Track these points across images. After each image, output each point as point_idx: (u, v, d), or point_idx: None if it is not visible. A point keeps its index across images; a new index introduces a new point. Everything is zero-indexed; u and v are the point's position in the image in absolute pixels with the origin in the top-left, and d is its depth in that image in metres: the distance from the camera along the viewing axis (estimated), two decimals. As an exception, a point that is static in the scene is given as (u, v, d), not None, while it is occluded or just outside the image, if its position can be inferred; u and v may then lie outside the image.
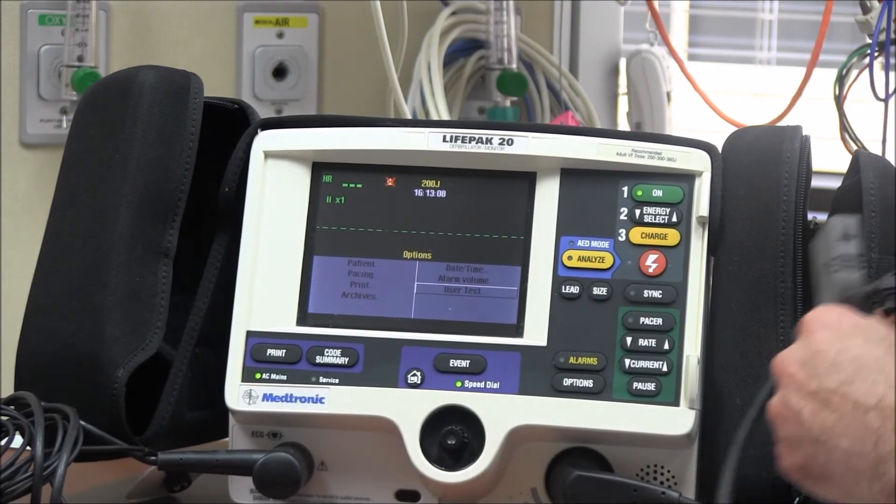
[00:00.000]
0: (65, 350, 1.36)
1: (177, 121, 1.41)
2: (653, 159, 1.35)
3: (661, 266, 1.33)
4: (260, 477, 1.31)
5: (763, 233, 1.34)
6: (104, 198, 1.39)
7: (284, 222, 1.37)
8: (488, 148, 1.36)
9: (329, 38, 1.81)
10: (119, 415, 1.33)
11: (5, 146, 1.69)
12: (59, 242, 1.41)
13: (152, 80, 1.42)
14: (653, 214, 1.34)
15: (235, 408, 1.33)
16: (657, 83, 1.87)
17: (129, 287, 1.37)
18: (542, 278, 1.34)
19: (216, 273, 1.40)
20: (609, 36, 1.93)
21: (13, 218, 1.65)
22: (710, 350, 1.33)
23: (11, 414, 1.27)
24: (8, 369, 1.41)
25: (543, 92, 1.78)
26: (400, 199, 1.37)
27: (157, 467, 1.34)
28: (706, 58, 2.20)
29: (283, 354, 1.34)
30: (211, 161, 1.42)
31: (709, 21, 2.33)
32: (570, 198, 1.35)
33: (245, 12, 1.78)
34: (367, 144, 1.38)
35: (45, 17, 1.69)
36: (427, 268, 1.36)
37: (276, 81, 1.79)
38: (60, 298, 1.38)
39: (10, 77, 1.69)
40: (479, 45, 1.77)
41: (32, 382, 1.34)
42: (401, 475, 1.30)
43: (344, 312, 1.36)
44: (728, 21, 2.30)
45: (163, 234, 1.40)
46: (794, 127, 1.40)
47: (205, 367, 1.38)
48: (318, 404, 1.32)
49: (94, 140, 1.42)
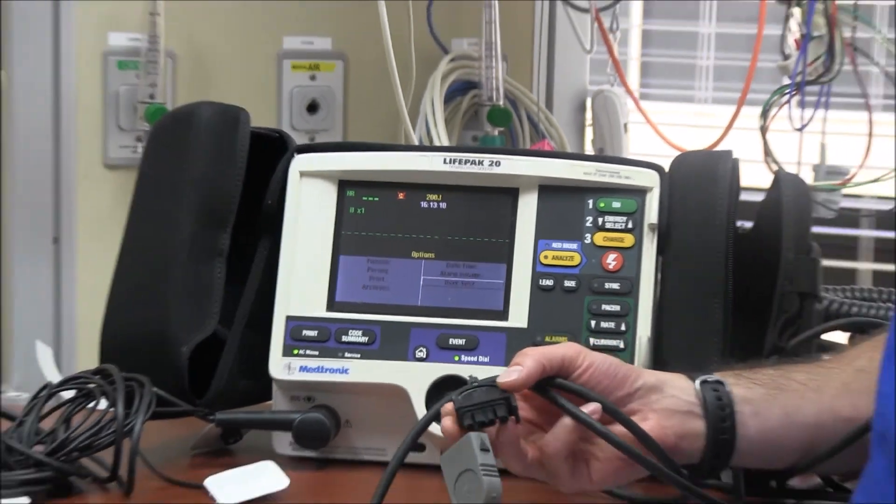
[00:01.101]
0: (140, 332, 1.39)
1: (229, 146, 1.42)
2: (612, 177, 1.37)
3: (619, 263, 1.35)
4: (298, 432, 1.35)
5: (702, 237, 1.35)
6: (170, 209, 1.41)
7: (316, 228, 1.39)
8: (480, 168, 1.38)
9: (352, 81, 1.82)
10: (183, 383, 1.36)
11: (92, 167, 1.72)
12: (134, 245, 1.43)
13: (209, 113, 1.44)
14: (612, 222, 1.36)
15: (277, 377, 1.36)
16: (616, 116, 1.89)
17: (190, 281, 1.40)
18: (523, 273, 1.36)
19: (261, 269, 1.41)
20: (577, 78, 1.95)
21: (98, 224, 1.68)
22: (659, 331, 1.35)
23: (98, 382, 1.30)
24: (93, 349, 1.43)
25: (524, 123, 1.80)
26: (409, 210, 1.39)
27: (215, 425, 1.38)
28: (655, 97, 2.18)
29: (315, 334, 1.36)
30: (256, 179, 1.43)
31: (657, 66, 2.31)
32: (546, 209, 1.37)
33: (284, 59, 1.81)
34: (382, 165, 1.41)
35: (123, 62, 1.73)
36: (431, 265, 1.38)
37: (310, 115, 1.81)
38: (136, 290, 1.41)
39: (95, 111, 1.71)
40: (473, 85, 1.79)
41: (114, 358, 1.36)
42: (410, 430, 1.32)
43: (364, 301, 1.38)
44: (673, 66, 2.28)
45: (217, 237, 1.41)
46: (726, 152, 1.41)
47: (252, 345, 1.39)
48: (343, 374, 1.35)
49: (162, 162, 1.44)
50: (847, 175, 1.79)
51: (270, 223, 1.42)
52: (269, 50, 1.81)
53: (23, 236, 1.74)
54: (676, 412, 1.18)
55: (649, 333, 1.34)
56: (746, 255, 1.37)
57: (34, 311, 1.74)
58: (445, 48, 1.75)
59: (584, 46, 1.93)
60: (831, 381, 1.22)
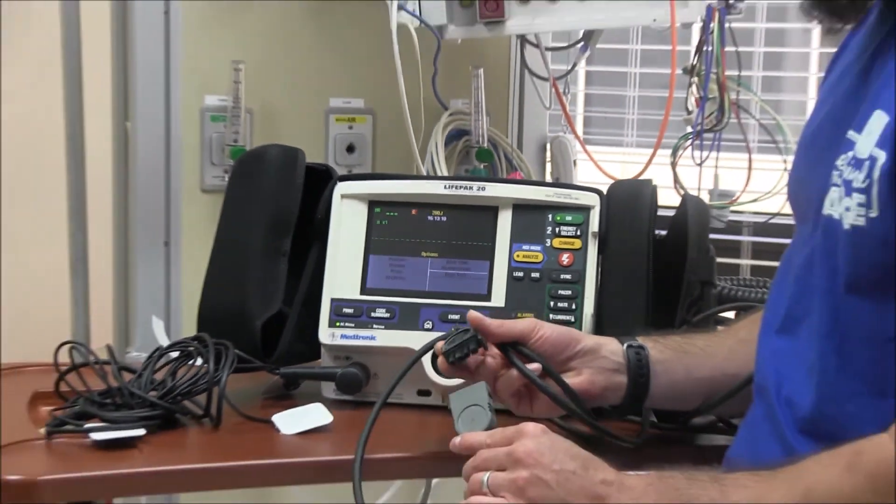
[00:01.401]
0: (226, 310, 1.38)
1: (290, 176, 1.42)
2: (566, 199, 1.36)
3: (571, 260, 1.34)
4: (339, 382, 1.35)
5: (630, 241, 1.35)
6: (248, 221, 1.41)
7: (352, 235, 1.39)
8: (470, 192, 1.37)
9: (379, 129, 1.81)
10: (257, 347, 1.36)
11: (193, 191, 1.72)
12: (222, 247, 1.43)
13: (276, 152, 1.43)
14: (566, 230, 1.35)
15: (325, 342, 1.36)
16: (568, 155, 1.88)
17: (262, 273, 1.39)
18: (501, 268, 1.36)
19: (313, 265, 1.41)
20: (540, 128, 1.93)
21: (196, 232, 1.68)
22: (599, 309, 1.34)
23: (195, 346, 1.31)
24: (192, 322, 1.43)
25: (502, 160, 1.78)
26: (419, 222, 1.39)
27: (279, 377, 1.38)
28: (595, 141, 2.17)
29: (352, 311, 1.36)
30: (309, 200, 1.42)
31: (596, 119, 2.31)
32: (518, 221, 1.36)
33: (330, 114, 1.80)
34: (400, 190, 1.40)
35: (214, 116, 1.72)
36: (435, 262, 1.38)
37: (348, 154, 1.78)
38: (223, 280, 1.40)
39: (195, 151, 1.71)
40: (465, 132, 1.77)
41: (207, 328, 1.36)
42: (420, 381, 1.31)
43: (387, 287, 1.37)
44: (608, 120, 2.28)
45: (282, 242, 1.41)
46: (647, 180, 1.41)
47: (306, 319, 1.38)
48: (372, 340, 1.35)
49: (242, 188, 1.43)
50: (733, 196, 1.79)
51: (320, 231, 1.41)
52: (319, 107, 1.80)
53: (143, 241, 1.73)
54: (605, 370, 1.18)
55: (592, 311, 1.33)
56: (662, 255, 1.37)
57: (150, 294, 1.73)
58: (445, 106, 1.74)
59: (545, 105, 1.92)
60: (722, 347, 1.23)
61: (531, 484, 0.98)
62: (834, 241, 0.98)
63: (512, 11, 1.60)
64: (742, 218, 2.06)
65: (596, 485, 0.98)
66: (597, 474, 0.99)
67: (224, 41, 1.72)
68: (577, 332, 1.21)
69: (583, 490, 0.98)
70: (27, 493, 1.11)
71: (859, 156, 0.96)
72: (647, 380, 1.18)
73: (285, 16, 1.75)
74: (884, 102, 0.96)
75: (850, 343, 0.98)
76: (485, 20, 1.59)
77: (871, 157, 0.94)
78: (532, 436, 1.02)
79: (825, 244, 1.00)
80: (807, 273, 1.04)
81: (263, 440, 1.25)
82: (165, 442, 1.22)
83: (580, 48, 1.81)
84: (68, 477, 1.13)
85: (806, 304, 1.04)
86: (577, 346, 1.18)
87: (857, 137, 0.98)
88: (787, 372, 1.05)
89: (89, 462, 1.16)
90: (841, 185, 0.98)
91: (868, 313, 0.96)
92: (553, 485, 0.97)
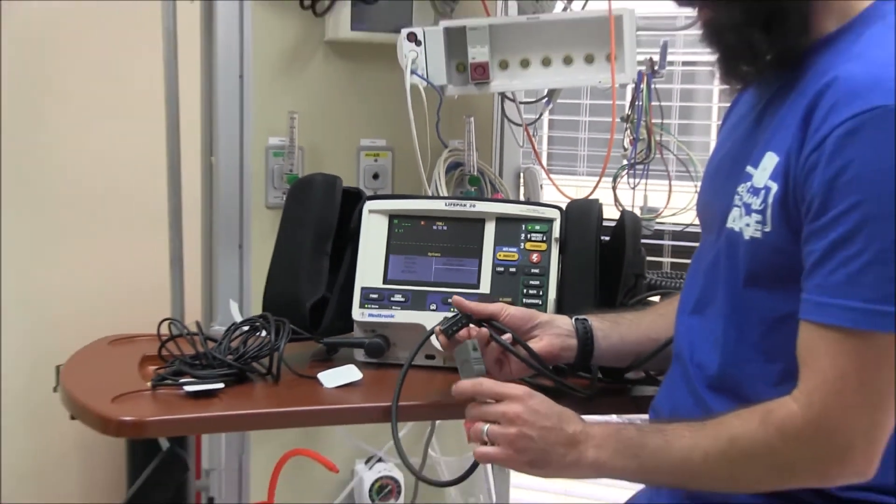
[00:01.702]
0: (283, 295, 1.36)
1: (331, 197, 1.39)
2: (535, 213, 1.34)
3: (539, 259, 1.32)
4: (367, 349, 1.33)
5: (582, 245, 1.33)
6: (300, 230, 1.38)
7: (377, 240, 1.36)
8: (464, 208, 1.35)
9: (397, 162, 1.77)
10: (306, 322, 1.34)
11: (259, 207, 1.69)
12: (280, 248, 1.40)
13: (320, 179, 1.41)
14: (535, 237, 1.33)
15: (357, 319, 1.34)
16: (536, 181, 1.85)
17: (310, 268, 1.37)
18: (487, 264, 1.33)
19: (348, 261, 1.38)
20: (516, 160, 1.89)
21: (262, 238, 1.64)
22: (560, 295, 1.31)
23: (261, 322, 1.29)
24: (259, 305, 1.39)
25: (488, 184, 1.75)
26: (427, 230, 1.36)
27: (323, 345, 1.35)
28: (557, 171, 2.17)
29: (376, 296, 1.33)
30: (345, 214, 1.40)
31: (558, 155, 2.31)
32: (500, 229, 1.34)
33: (360, 150, 1.76)
34: (412, 206, 1.38)
35: (276, 152, 1.69)
36: (438, 260, 1.35)
37: (374, 181, 1.74)
38: (281, 272, 1.38)
39: (261, 178, 1.67)
40: (460, 164, 1.74)
41: (270, 309, 1.34)
42: (427, 349, 1.28)
43: (403, 279, 1.34)
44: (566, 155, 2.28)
45: (325, 245, 1.38)
46: (595, 200, 1.39)
47: (343, 302, 1.36)
48: (391, 318, 1.32)
49: (295, 205, 1.41)
50: (658, 211, 1.76)
51: (353, 237, 1.39)
52: (352, 146, 1.77)
53: (223, 244, 1.69)
54: (560, 335, 1.16)
55: (554, 296, 1.32)
56: (606, 255, 1.35)
57: (229, 283, 1.70)
58: (445, 144, 1.70)
59: (519, 144, 1.90)
60: (646, 319, 1.21)
61: (519, 438, 0.99)
62: (735, 247, 0.98)
63: (495, 75, 1.59)
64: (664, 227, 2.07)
65: (568, 435, 0.98)
66: (569, 426, 0.99)
67: (283, 97, 1.70)
68: (534, 311, 1.19)
69: (558, 440, 0.98)
70: (138, 430, 1.12)
71: (756, 185, 0.95)
72: (592, 343, 1.16)
73: (327, 78, 1.73)
74: (773, 146, 0.95)
75: (745, 322, 0.97)
76: (475, 81, 1.58)
77: (766, 187, 0.94)
78: (520, 399, 1.01)
79: (728, 249, 1.00)
80: (713, 269, 1.03)
81: (311, 392, 1.23)
82: (238, 393, 1.21)
83: (545, 102, 1.80)
84: (168, 418, 1.13)
85: (712, 292, 1.03)
86: (536, 321, 1.17)
87: (753, 171, 0.97)
88: (697, 342, 1.05)
89: (183, 407, 1.15)
90: (741, 206, 0.97)
91: (760, 299, 0.96)
92: (536, 439, 0.98)
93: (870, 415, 0.86)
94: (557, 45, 1.58)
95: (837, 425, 0.86)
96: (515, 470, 1.02)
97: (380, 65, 1.70)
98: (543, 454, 0.98)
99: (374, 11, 1.64)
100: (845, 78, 0.86)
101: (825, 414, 0.86)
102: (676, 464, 0.93)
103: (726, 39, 0.96)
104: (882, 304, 0.83)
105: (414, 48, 1.55)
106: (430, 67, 1.56)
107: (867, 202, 0.83)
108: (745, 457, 0.90)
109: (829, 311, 0.86)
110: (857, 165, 0.83)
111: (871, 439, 0.86)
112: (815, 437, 0.87)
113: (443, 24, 1.57)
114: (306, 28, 1.68)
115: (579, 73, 1.59)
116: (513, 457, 0.99)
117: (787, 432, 0.88)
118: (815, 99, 0.88)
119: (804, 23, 0.94)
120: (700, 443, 0.93)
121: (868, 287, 0.84)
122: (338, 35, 1.67)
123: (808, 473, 0.89)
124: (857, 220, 0.84)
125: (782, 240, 0.91)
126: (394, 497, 1.78)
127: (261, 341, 1.26)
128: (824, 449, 0.87)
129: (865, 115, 0.83)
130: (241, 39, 1.64)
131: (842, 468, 0.87)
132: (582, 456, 0.97)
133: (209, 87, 1.67)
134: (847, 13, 0.94)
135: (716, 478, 0.93)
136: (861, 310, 0.84)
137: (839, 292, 0.85)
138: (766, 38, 0.94)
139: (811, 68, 0.93)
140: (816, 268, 0.87)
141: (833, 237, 0.85)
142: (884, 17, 0.92)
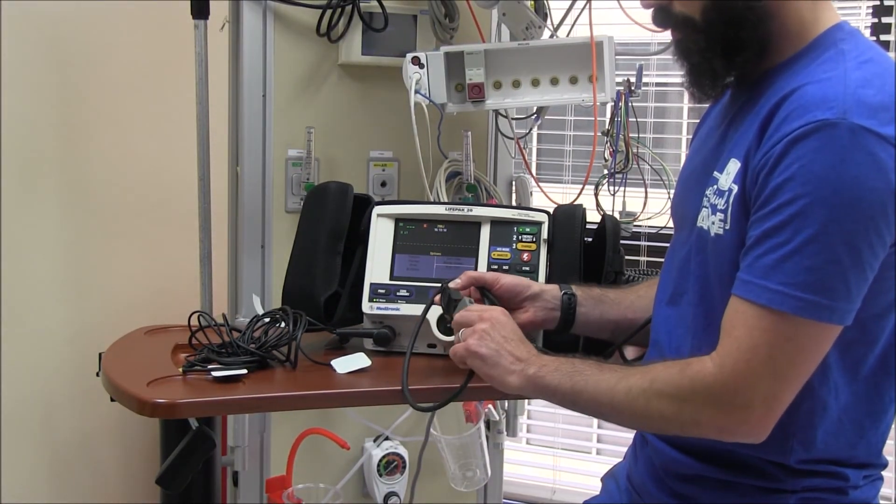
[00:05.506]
0: (301, 290, 1.35)
1: (343, 202, 1.39)
2: (526, 216, 1.33)
3: (529, 258, 1.32)
4: (376, 338, 1.32)
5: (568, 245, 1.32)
6: (316, 231, 1.37)
7: (385, 241, 1.35)
8: (462, 212, 1.35)
9: (403, 171, 1.75)
10: (321, 314, 1.33)
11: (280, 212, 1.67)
12: (298, 248, 1.39)
13: (334, 186, 1.40)
14: (526, 238, 1.33)
15: (366, 312, 1.32)
16: (526, 189, 1.83)
17: (325, 266, 1.36)
18: (483, 263, 1.33)
19: (359, 260, 1.37)
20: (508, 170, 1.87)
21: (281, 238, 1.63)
22: None
23: (280, 314, 1.28)
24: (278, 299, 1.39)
25: (483, 192, 1.74)
26: (429, 232, 1.36)
27: (336, 335, 1.34)
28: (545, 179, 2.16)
29: (384, 291, 1.32)
30: (356, 217, 1.40)
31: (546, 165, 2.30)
32: (494, 232, 1.34)
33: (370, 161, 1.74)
34: (416, 211, 1.37)
35: (294, 162, 1.67)
36: (439, 259, 1.34)
37: (381, 188, 1.73)
38: (299, 270, 1.37)
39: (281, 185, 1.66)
40: (459, 173, 1.73)
41: (288, 303, 1.33)
42: (429, 338, 1.27)
43: (407, 275, 1.34)
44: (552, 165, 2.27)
45: (338, 245, 1.38)
46: (579, 205, 1.38)
47: (354, 296, 1.35)
48: (397, 310, 1.31)
49: (312, 209, 1.40)
50: (635, 215, 1.76)
51: (363, 238, 1.38)
52: (363, 157, 1.75)
53: (247, 244, 1.67)
54: (545, 308, 1.18)
55: (543, 291, 1.29)
56: (589, 254, 1.34)
57: (252, 279, 1.68)
58: (445, 156, 1.69)
59: (511, 155, 1.88)
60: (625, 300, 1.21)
61: (484, 333, 1.04)
62: (704, 243, 1.00)
63: (489, 94, 1.59)
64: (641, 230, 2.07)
65: (522, 352, 1.03)
66: (525, 347, 1.04)
67: (301, 114, 1.69)
68: (527, 280, 1.21)
69: (512, 351, 1.03)
70: (170, 411, 1.11)
71: (721, 188, 0.97)
72: (573, 316, 1.19)
73: (341, 97, 1.72)
74: (736, 153, 0.97)
75: (713, 310, 0.98)
76: (472, 100, 1.58)
77: (729, 189, 0.96)
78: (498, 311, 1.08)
79: (698, 245, 1.01)
80: (686, 264, 1.05)
81: (325, 377, 1.22)
82: (260, 378, 1.20)
83: (534, 118, 1.79)
84: (197, 401, 1.12)
85: (685, 284, 1.05)
86: (527, 291, 1.19)
87: (719, 176, 0.99)
88: (673, 330, 1.06)
89: (210, 391, 1.14)
90: (709, 206, 0.99)
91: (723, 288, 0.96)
92: (496, 339, 1.03)
93: (771, 385, 0.87)
94: (545, 68, 1.59)
95: (741, 387, 0.88)
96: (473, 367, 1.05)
97: (387, 85, 1.70)
98: (497, 355, 1.02)
99: (382, 38, 1.65)
100: (799, 94, 0.90)
101: (733, 376, 0.88)
102: (603, 390, 0.96)
103: (692, 59, 1.00)
104: (797, 290, 0.85)
105: (418, 70, 1.55)
106: (432, 87, 1.56)
107: (800, 199, 0.85)
108: (660, 396, 0.92)
109: (751, 289, 0.88)
110: (798, 168, 0.86)
111: (769, 407, 0.88)
112: (720, 395, 0.89)
113: (443, 49, 1.58)
114: (322, 53, 1.69)
115: (564, 92, 1.59)
116: (472, 346, 1.03)
117: (698, 384, 0.91)
118: (771, 111, 0.91)
119: (762, 51, 0.97)
120: (628, 378, 0.96)
121: (788, 273, 0.86)
122: (350, 59, 1.68)
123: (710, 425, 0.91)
124: (790, 214, 0.86)
125: (739, 236, 0.93)
126: (399, 471, 1.77)
127: (280, 331, 1.25)
128: (726, 406, 0.89)
129: (811, 125, 0.86)
130: (264, 63, 1.65)
131: (738, 426, 0.89)
132: (526, 368, 1.01)
133: (236, 105, 1.67)
134: (804, 38, 0.97)
135: (633, 411, 0.95)
136: (778, 292, 0.86)
137: (763, 274, 0.87)
138: (726, 63, 0.97)
139: (770, 88, 0.96)
140: (750, 250, 0.90)
141: (767, 226, 0.87)
142: (835, 43, 0.95)
